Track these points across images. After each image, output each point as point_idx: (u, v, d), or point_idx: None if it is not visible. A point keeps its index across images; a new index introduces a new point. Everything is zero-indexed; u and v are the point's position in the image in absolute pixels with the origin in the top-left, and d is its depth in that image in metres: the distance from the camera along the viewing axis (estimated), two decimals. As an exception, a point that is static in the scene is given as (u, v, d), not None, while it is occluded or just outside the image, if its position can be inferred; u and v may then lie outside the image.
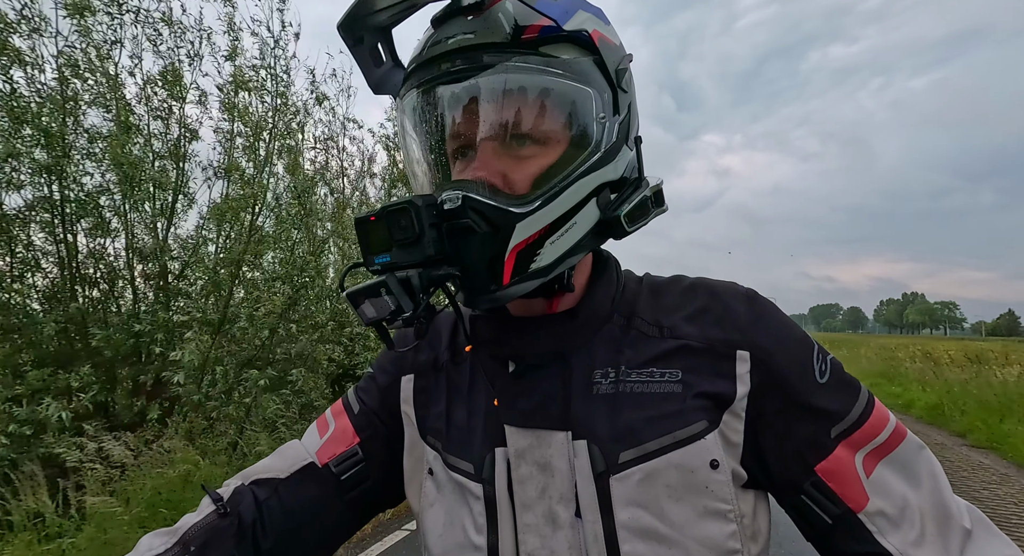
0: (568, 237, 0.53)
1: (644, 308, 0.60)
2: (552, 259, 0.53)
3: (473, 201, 0.49)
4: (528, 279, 0.52)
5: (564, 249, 0.53)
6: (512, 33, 0.50)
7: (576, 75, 0.52)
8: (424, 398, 0.65)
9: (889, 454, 0.52)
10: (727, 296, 0.59)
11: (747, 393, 0.53)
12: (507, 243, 0.50)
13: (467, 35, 0.51)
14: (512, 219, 0.50)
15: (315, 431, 0.68)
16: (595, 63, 0.54)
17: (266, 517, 0.58)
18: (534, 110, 0.52)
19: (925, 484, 0.52)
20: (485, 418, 0.59)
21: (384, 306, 0.49)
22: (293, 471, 0.62)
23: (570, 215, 0.52)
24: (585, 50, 0.54)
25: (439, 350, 0.67)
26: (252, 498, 0.59)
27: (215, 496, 0.58)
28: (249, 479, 0.62)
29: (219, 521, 0.56)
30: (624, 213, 0.55)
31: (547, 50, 0.52)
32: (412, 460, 0.65)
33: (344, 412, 0.68)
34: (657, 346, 0.56)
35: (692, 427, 0.52)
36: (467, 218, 0.49)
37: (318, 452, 0.64)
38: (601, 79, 0.54)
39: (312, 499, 0.61)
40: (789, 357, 0.54)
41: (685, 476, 0.51)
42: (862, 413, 0.53)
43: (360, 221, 0.52)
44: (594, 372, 0.56)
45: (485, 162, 0.52)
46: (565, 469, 0.53)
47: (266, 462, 0.64)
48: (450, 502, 0.59)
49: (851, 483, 0.51)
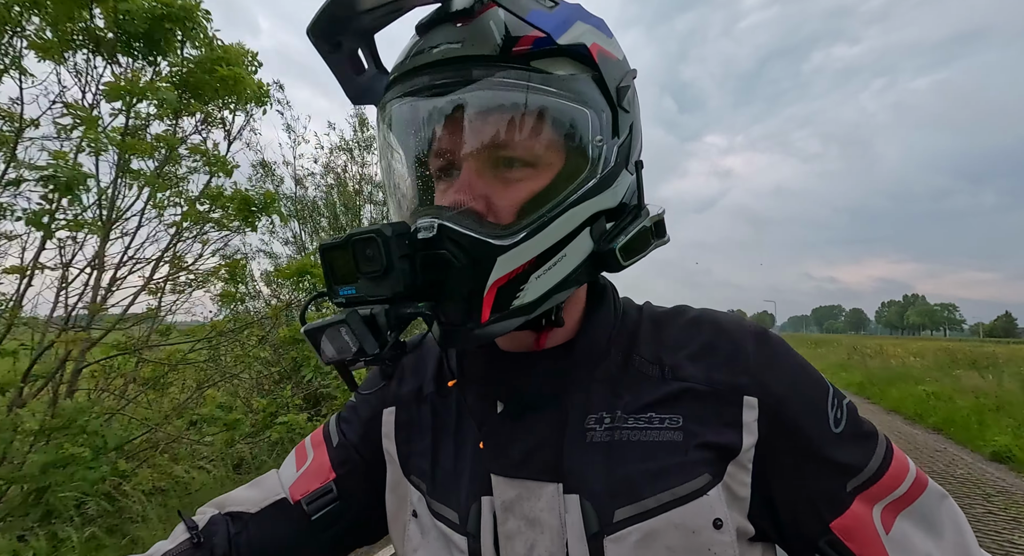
0: (556, 271, 0.48)
1: (644, 343, 0.56)
2: (537, 295, 0.48)
3: (450, 231, 0.45)
4: (510, 317, 0.48)
5: (552, 284, 0.49)
6: (502, 45, 0.46)
7: (571, 93, 0.48)
8: (407, 433, 0.62)
9: (909, 506, 0.49)
10: (735, 334, 0.54)
11: (755, 443, 0.49)
12: (487, 278, 0.46)
13: (454, 45, 0.47)
14: (493, 251, 0.45)
15: (293, 461, 0.65)
16: (593, 80, 0.49)
17: (235, 552, 0.56)
18: (523, 130, 0.47)
19: (949, 538, 0.48)
20: (471, 462, 0.55)
21: (345, 345, 0.45)
22: (264, 506, 0.60)
23: (559, 247, 0.48)
24: (583, 65, 0.49)
25: (424, 380, 0.63)
26: (226, 529, 0.57)
27: (190, 524, 0.57)
28: (224, 509, 0.60)
29: (192, 551, 0.54)
30: (620, 246, 0.50)
31: (540, 65, 0.47)
32: (395, 498, 0.61)
33: (323, 443, 0.65)
34: (657, 388, 0.52)
35: (694, 482, 0.48)
36: (444, 249, 0.45)
37: (292, 487, 0.61)
38: (600, 97, 0.49)
39: (282, 536, 0.59)
40: (802, 405, 0.50)
41: (687, 537, 0.47)
42: (880, 464, 0.50)
43: (325, 248, 0.47)
44: (588, 417, 0.52)
45: (468, 185, 0.48)
46: (556, 526, 0.49)
47: (242, 491, 0.62)
48: (434, 550, 0.56)
49: (870, 542, 0.47)
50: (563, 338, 0.56)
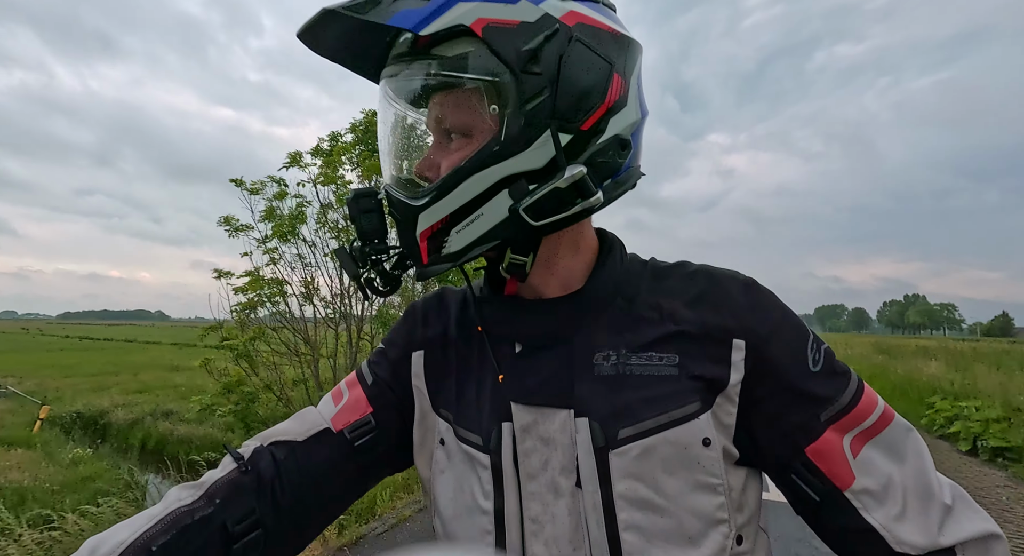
0: (475, 227, 0.55)
1: (646, 291, 0.62)
2: (460, 246, 0.56)
3: (388, 195, 0.59)
4: (444, 262, 0.58)
5: (472, 238, 0.56)
6: (412, 40, 0.54)
7: (461, 69, 0.52)
8: (435, 372, 0.69)
9: (876, 436, 0.55)
10: (726, 283, 0.60)
11: (741, 379, 0.56)
12: (415, 229, 0.56)
13: (398, 43, 0.57)
14: (412, 210, 0.56)
15: (330, 400, 0.71)
16: (492, 52, 0.51)
17: (284, 475, 0.61)
18: (436, 110, 0.57)
19: (910, 463, 0.54)
20: (492, 394, 0.61)
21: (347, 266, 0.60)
22: (310, 435, 0.65)
23: (475, 206, 0.54)
24: (478, 41, 0.52)
25: (448, 325, 0.71)
26: (271, 458, 0.62)
27: (236, 455, 0.61)
28: (268, 440, 0.64)
29: (241, 477, 0.59)
30: (523, 207, 0.53)
31: (439, 50, 0.53)
32: (422, 430, 0.68)
33: (358, 383, 0.71)
34: (656, 329, 0.59)
35: (687, 407, 0.55)
36: (393, 208, 0.59)
37: (333, 419, 0.67)
38: (498, 66, 0.52)
39: (326, 461, 0.64)
40: (784, 345, 0.57)
41: (679, 452, 0.54)
42: (852, 399, 0.56)
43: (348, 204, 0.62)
44: (596, 354, 0.58)
45: (429, 155, 0.58)
46: (567, 443, 0.56)
47: (284, 425, 0.67)
48: (460, 470, 0.62)
49: (838, 463, 0.54)
50: (572, 288, 0.63)
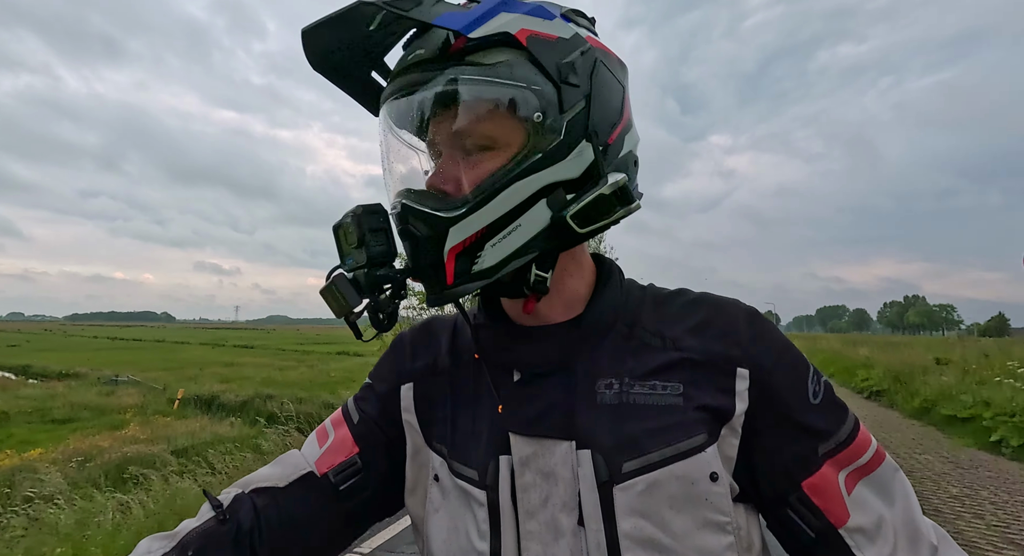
0: (513, 239, 0.53)
1: (647, 318, 0.60)
2: (496, 261, 0.53)
3: (408, 208, 0.53)
4: (473, 280, 0.53)
5: (508, 251, 0.53)
6: (442, 46, 0.52)
7: (502, 77, 0.51)
8: (426, 405, 0.65)
9: (869, 474, 0.55)
10: (730, 311, 0.59)
11: (745, 409, 0.55)
12: (443, 246, 0.52)
13: (419, 51, 0.53)
14: (443, 223, 0.51)
15: (315, 441, 0.67)
16: (531, 62, 0.52)
17: (264, 525, 0.58)
18: (467, 118, 0.52)
19: (899, 503, 0.54)
20: (489, 425, 0.59)
21: (342, 301, 0.53)
22: (292, 480, 0.62)
23: (512, 217, 0.52)
24: (517, 50, 0.52)
25: (438, 355, 0.67)
26: (251, 505, 0.59)
27: (215, 502, 0.58)
28: (249, 487, 0.61)
29: (217, 527, 0.56)
30: (571, 214, 0.53)
31: (475, 57, 0.51)
32: (415, 467, 0.65)
33: (344, 422, 0.68)
34: (659, 357, 0.57)
35: (693, 439, 0.53)
36: (408, 223, 0.53)
37: (317, 461, 0.64)
38: (538, 76, 0.52)
39: (310, 508, 0.61)
40: (786, 377, 0.56)
41: (686, 487, 0.52)
42: (849, 434, 0.56)
43: (334, 228, 0.56)
44: (598, 382, 0.56)
45: (443, 168, 0.54)
46: (569, 478, 0.54)
47: (265, 470, 0.64)
48: (454, 508, 0.59)
49: (834, 500, 0.53)
50: (573, 313, 0.60)
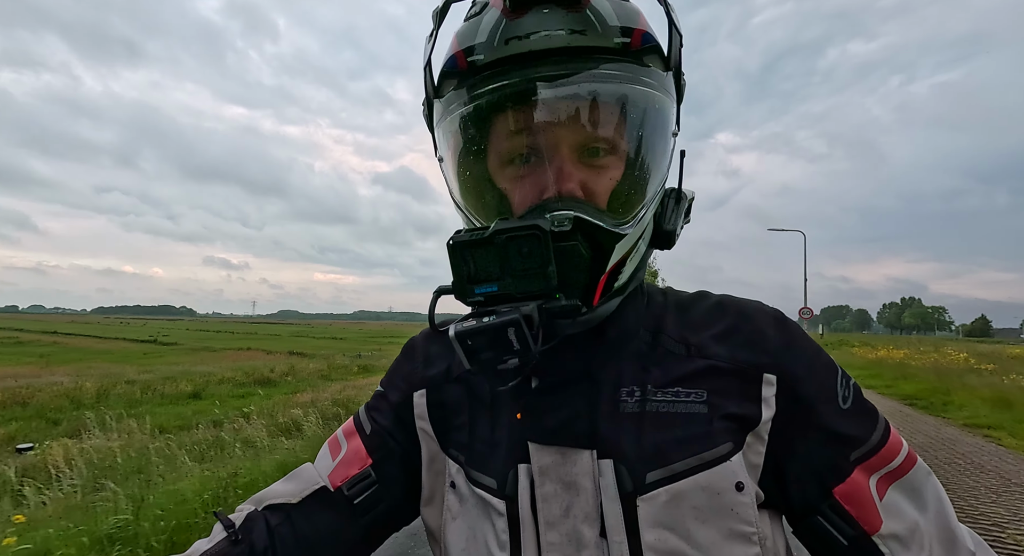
0: (639, 252, 0.53)
1: (671, 324, 0.58)
2: (629, 275, 0.52)
3: (584, 223, 0.46)
4: (613, 297, 0.52)
5: (637, 263, 0.53)
6: (620, 37, 0.48)
7: (665, 88, 0.51)
8: (441, 412, 0.62)
9: (901, 478, 0.53)
10: (756, 316, 0.57)
11: (772, 416, 0.52)
12: (606, 264, 0.48)
13: (575, 33, 0.47)
14: (616, 239, 0.48)
15: (327, 453, 0.65)
16: (673, 77, 0.53)
17: (278, 544, 0.56)
18: (628, 121, 0.50)
19: (932, 508, 0.52)
20: (508, 433, 0.56)
21: (507, 346, 0.43)
22: (305, 496, 0.59)
23: (644, 231, 0.52)
24: (662, 62, 0.52)
25: (452, 361, 0.64)
26: (264, 524, 0.57)
27: (227, 522, 0.56)
28: (262, 504, 0.59)
29: (230, 549, 0.54)
30: (679, 227, 0.55)
31: (650, 61, 0.50)
32: (432, 475, 0.62)
33: (356, 432, 0.65)
34: (684, 365, 0.55)
35: (718, 449, 0.51)
36: (574, 241, 0.45)
37: (331, 475, 0.61)
38: (675, 93, 0.53)
39: (325, 524, 0.59)
40: (816, 383, 0.54)
41: (711, 498, 0.49)
42: (880, 439, 0.53)
43: (464, 245, 0.45)
44: (620, 390, 0.54)
45: (567, 173, 0.48)
46: (590, 488, 0.51)
47: (278, 486, 0.61)
48: (473, 517, 0.57)
49: (866, 506, 0.51)
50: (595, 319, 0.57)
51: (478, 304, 0.46)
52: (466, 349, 0.45)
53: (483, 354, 0.45)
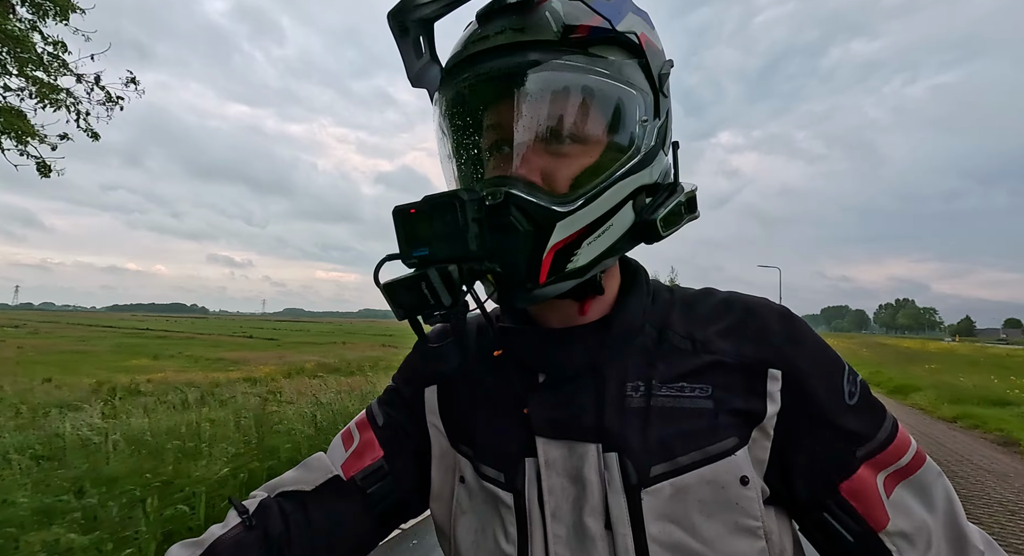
0: (605, 238, 0.51)
1: (676, 320, 0.58)
2: (588, 260, 0.51)
3: (516, 198, 0.48)
4: (565, 279, 0.51)
5: (600, 250, 0.51)
6: (561, 32, 0.49)
7: (622, 77, 0.51)
8: (452, 406, 0.63)
9: (909, 477, 0.52)
10: (762, 312, 0.57)
11: (777, 411, 0.52)
12: (546, 241, 0.48)
13: (516, 31, 0.50)
14: (553, 217, 0.48)
15: (340, 444, 0.65)
16: (640, 66, 0.53)
17: (292, 530, 0.56)
18: (580, 110, 0.50)
19: (941, 508, 0.51)
20: (515, 427, 0.57)
21: (423, 299, 0.46)
22: (319, 484, 0.60)
23: (608, 217, 0.51)
24: (630, 53, 0.52)
25: (464, 355, 0.64)
26: (279, 511, 0.57)
27: (241, 509, 0.57)
28: (276, 491, 0.60)
29: (245, 534, 0.54)
30: (660, 217, 0.53)
31: (595, 51, 0.50)
32: (442, 470, 0.63)
33: (368, 425, 0.66)
34: (689, 361, 0.54)
35: (723, 443, 0.50)
36: (509, 215, 0.48)
37: (343, 466, 0.62)
38: (645, 82, 0.53)
39: (338, 513, 0.59)
40: (822, 378, 0.53)
41: (716, 492, 0.49)
42: (887, 436, 0.53)
43: (400, 211, 0.49)
44: (626, 385, 0.54)
45: (526, 159, 0.50)
46: (596, 481, 0.51)
47: (292, 474, 0.62)
48: (481, 510, 0.57)
49: (873, 503, 0.50)
50: (600, 314, 0.58)
51: (414, 265, 0.49)
52: (395, 302, 0.48)
53: (404, 306, 0.48)
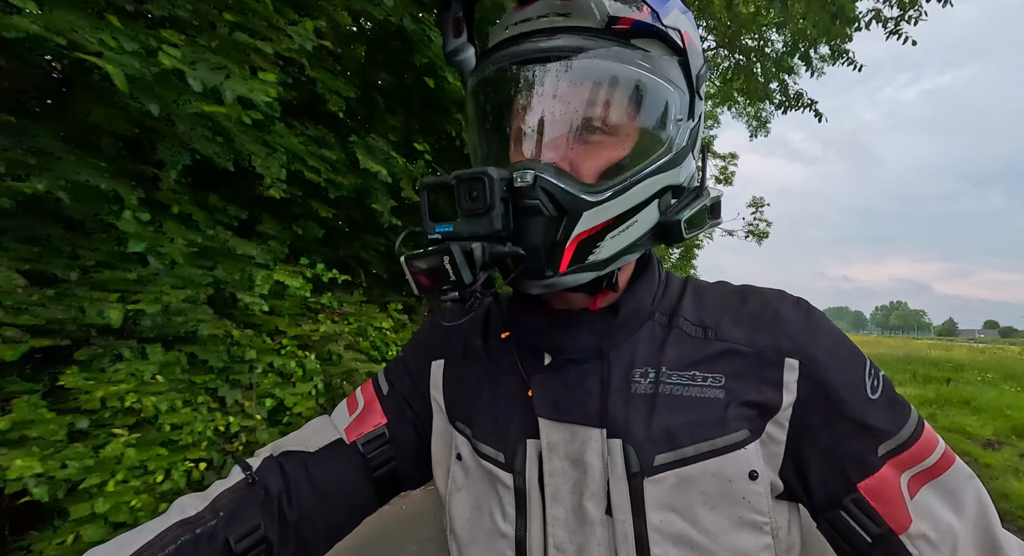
0: (628, 234, 0.50)
1: (688, 307, 0.56)
2: (610, 254, 0.49)
3: (545, 182, 0.45)
4: (585, 270, 0.48)
5: (623, 245, 0.50)
6: (606, 21, 0.47)
7: (663, 73, 0.49)
8: (454, 383, 0.62)
9: (935, 478, 0.48)
10: (778, 302, 0.54)
11: (792, 402, 0.49)
12: (572, 229, 0.46)
13: (559, 16, 0.48)
14: (581, 206, 0.46)
15: (345, 408, 0.65)
16: (679, 64, 0.51)
17: (292, 489, 0.56)
18: (617, 101, 0.48)
19: (971, 512, 0.47)
20: (518, 408, 0.55)
21: (444, 275, 0.45)
22: (321, 446, 0.60)
23: (634, 212, 0.49)
24: (671, 50, 0.50)
25: (471, 334, 0.64)
26: (280, 469, 0.57)
27: (244, 466, 0.57)
28: (279, 451, 0.59)
29: (247, 490, 0.55)
30: (685, 219, 0.52)
31: (638, 43, 0.49)
32: (440, 445, 0.62)
33: (373, 392, 0.66)
34: (701, 348, 0.52)
35: (733, 435, 0.48)
36: (536, 198, 0.46)
37: (346, 429, 0.62)
38: (683, 81, 0.51)
39: (338, 474, 0.59)
40: (841, 370, 0.50)
41: (722, 485, 0.47)
42: (912, 434, 0.49)
43: (428, 186, 0.47)
44: (633, 371, 0.52)
45: (557, 146, 0.48)
46: (598, 466, 0.50)
47: (296, 435, 0.62)
48: (478, 489, 0.56)
49: (895, 503, 0.47)
50: (610, 298, 0.56)
51: (436, 242, 0.47)
52: (415, 276, 0.47)
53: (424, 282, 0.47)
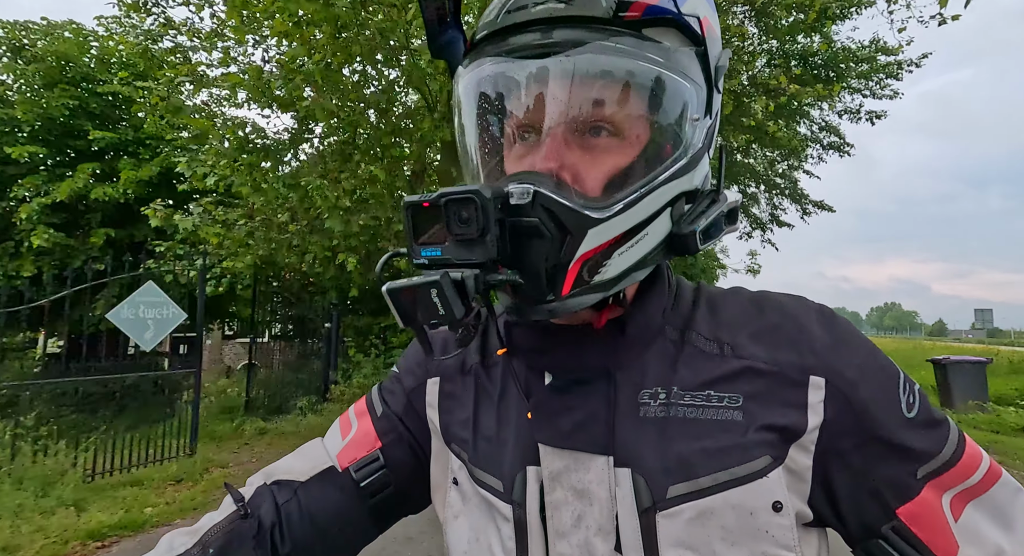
0: (637, 249, 0.45)
1: (702, 320, 0.50)
2: (618, 272, 0.44)
3: (544, 198, 0.41)
4: (590, 292, 0.44)
5: (631, 262, 0.45)
6: (614, 8, 0.42)
7: (678, 67, 0.44)
8: (450, 403, 0.58)
9: (980, 496, 0.44)
10: (799, 313, 0.49)
11: (819, 424, 0.44)
12: (576, 250, 0.42)
13: (559, 4, 0.43)
14: (586, 223, 0.41)
15: (337, 431, 0.61)
16: (697, 55, 0.45)
17: (285, 521, 0.53)
18: (624, 101, 0.43)
19: (1021, 528, 0.43)
20: (517, 432, 0.50)
21: (432, 308, 0.40)
22: (313, 474, 0.56)
23: (644, 225, 0.44)
24: (687, 39, 0.45)
25: (468, 351, 0.59)
26: (272, 501, 0.54)
27: (237, 496, 0.54)
28: (271, 478, 0.56)
29: (239, 523, 0.52)
30: (701, 229, 0.47)
31: (650, 33, 0.43)
32: (438, 468, 0.58)
33: (367, 413, 0.61)
34: (716, 366, 0.47)
35: (754, 463, 0.43)
36: (535, 217, 0.41)
37: (339, 455, 0.58)
38: (700, 75, 0.46)
39: (332, 504, 0.55)
40: (873, 388, 0.45)
41: (743, 518, 0.42)
42: (955, 452, 0.45)
43: (412, 205, 0.42)
44: (642, 392, 0.47)
45: (555, 152, 0.43)
46: (605, 498, 0.45)
47: (288, 461, 0.59)
48: (476, 517, 0.52)
49: (938, 529, 0.43)
50: (616, 312, 0.50)
51: (423, 267, 0.43)
52: (399, 308, 0.42)
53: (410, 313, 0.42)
